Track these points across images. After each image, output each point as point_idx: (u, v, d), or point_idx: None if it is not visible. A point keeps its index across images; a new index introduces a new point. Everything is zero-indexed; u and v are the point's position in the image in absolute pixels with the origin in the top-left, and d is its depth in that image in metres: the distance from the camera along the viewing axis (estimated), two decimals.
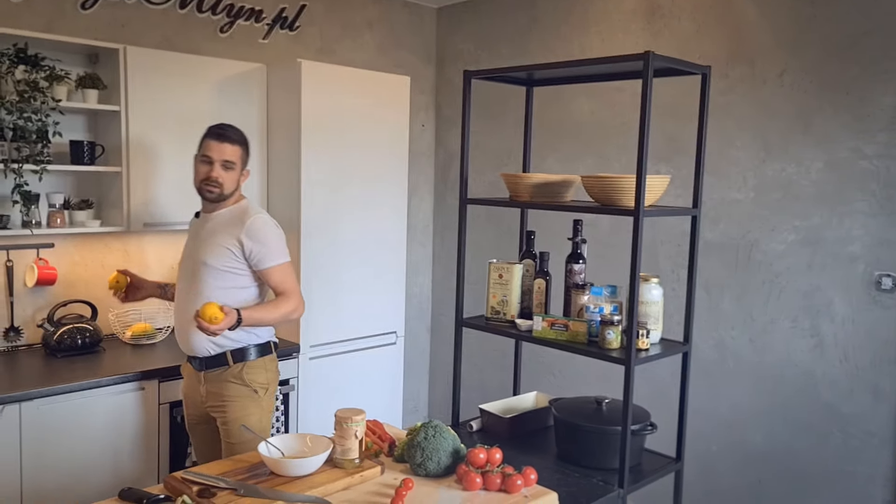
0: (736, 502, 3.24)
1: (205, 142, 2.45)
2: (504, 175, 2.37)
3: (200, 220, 2.55)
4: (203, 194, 2.46)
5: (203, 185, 2.44)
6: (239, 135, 2.48)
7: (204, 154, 2.43)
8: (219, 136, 2.43)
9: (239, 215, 2.48)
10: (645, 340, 2.07)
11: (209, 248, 2.46)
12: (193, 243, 2.52)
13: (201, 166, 2.44)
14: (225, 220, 2.48)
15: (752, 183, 3.11)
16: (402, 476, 1.75)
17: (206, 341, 2.40)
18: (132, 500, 1.56)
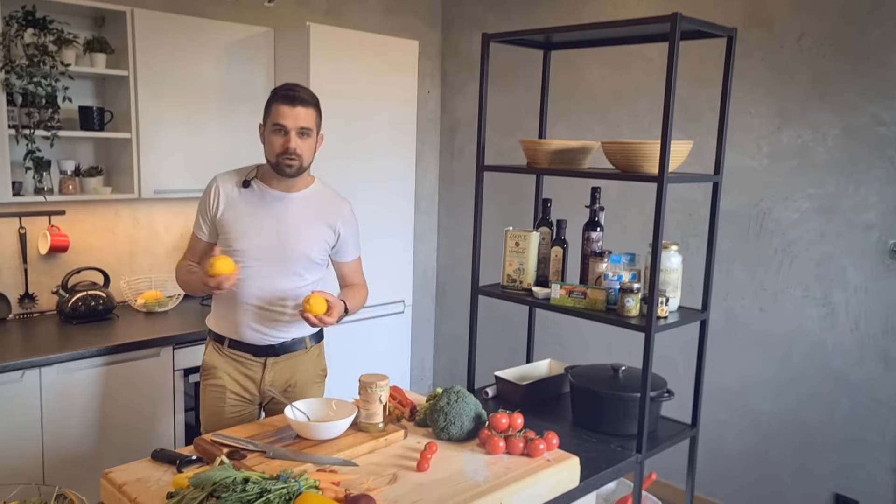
0: (743, 469, 3.28)
1: (274, 107, 2.10)
2: (523, 141, 2.35)
3: (273, 199, 2.17)
4: (282, 170, 2.11)
5: (282, 160, 2.09)
6: (312, 96, 2.14)
7: (276, 122, 2.08)
8: (291, 100, 2.07)
9: (329, 199, 2.25)
10: (664, 308, 2.08)
11: (307, 238, 2.19)
12: (276, 226, 2.16)
13: (274, 137, 2.09)
14: (314, 204, 2.22)
15: (766, 150, 3.10)
16: (425, 440, 1.77)
17: (287, 325, 2.20)
18: (165, 460, 1.58)
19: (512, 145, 4.01)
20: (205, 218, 2.21)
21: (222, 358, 2.23)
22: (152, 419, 2.87)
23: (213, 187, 2.20)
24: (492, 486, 1.55)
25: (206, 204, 2.20)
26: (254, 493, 1.26)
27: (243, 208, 2.16)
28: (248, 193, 2.18)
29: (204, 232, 2.23)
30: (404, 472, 1.60)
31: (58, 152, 2.99)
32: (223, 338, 2.22)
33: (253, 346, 2.20)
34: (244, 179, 2.18)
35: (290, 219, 2.17)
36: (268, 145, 2.13)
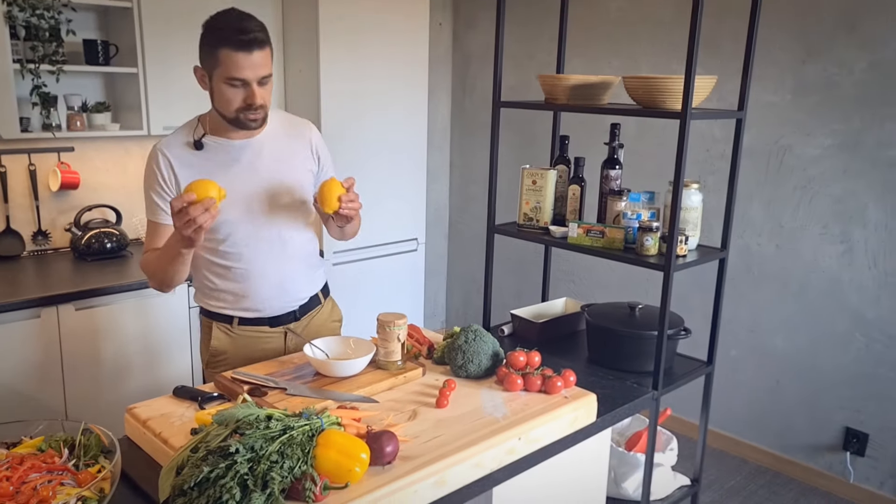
0: (754, 403, 3.32)
1: (224, 55, 1.68)
2: (541, 76, 2.28)
3: (237, 150, 1.84)
4: (244, 125, 1.78)
5: (243, 115, 1.75)
6: (263, 29, 1.74)
7: (232, 77, 1.70)
8: (247, 45, 1.68)
9: (294, 126, 1.96)
10: (683, 247, 2.06)
11: (292, 179, 1.90)
12: (254, 179, 1.85)
13: (231, 91, 1.72)
14: (283, 137, 1.92)
15: (789, 85, 3.01)
16: (443, 377, 1.78)
17: (305, 283, 1.99)
18: (186, 397, 1.60)
19: (524, 80, 3.93)
20: (162, 196, 1.80)
21: (232, 340, 1.95)
22: (169, 355, 2.91)
23: (160, 159, 1.80)
24: (510, 421, 1.57)
25: (159, 180, 1.80)
26: (277, 430, 1.27)
27: (208, 173, 1.76)
28: (205, 154, 1.81)
29: (165, 213, 1.78)
30: (424, 409, 1.61)
31: (64, 87, 2.94)
32: (230, 317, 1.94)
33: (269, 318, 1.95)
34: (194, 140, 1.82)
35: (266, 165, 1.86)
36: (220, 99, 1.75)
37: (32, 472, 1.22)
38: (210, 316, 1.97)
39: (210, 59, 1.73)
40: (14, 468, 1.22)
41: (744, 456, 3.39)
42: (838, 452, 3.08)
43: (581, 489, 1.83)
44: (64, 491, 1.19)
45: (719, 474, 3.26)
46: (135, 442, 1.54)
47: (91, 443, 1.34)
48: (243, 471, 1.18)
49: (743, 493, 3.12)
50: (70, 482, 1.23)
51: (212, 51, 1.71)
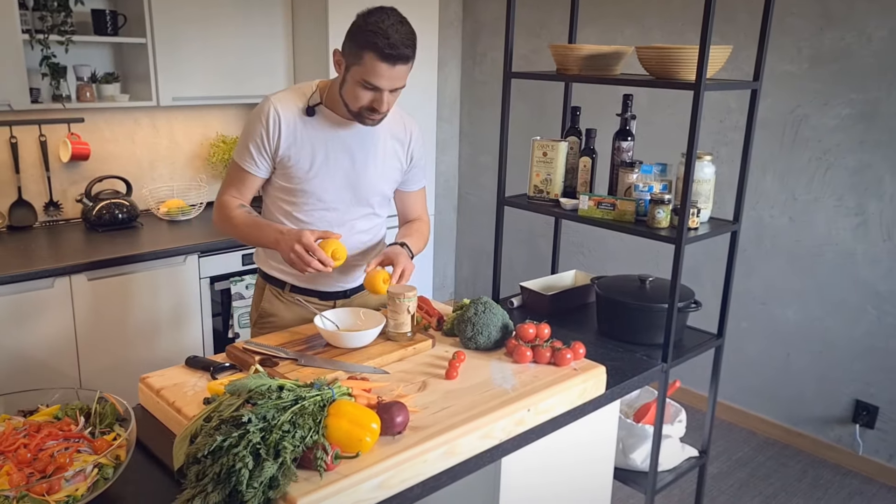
0: (764, 375, 3.33)
1: (370, 61, 1.69)
2: (553, 46, 2.25)
3: (343, 129, 1.86)
4: (362, 121, 1.81)
5: (366, 113, 1.78)
6: (413, 43, 1.74)
7: (369, 81, 1.72)
8: (393, 59, 1.69)
9: (398, 120, 1.96)
10: (695, 219, 2.04)
11: (382, 171, 1.94)
12: (349, 161, 1.88)
13: (362, 92, 1.74)
14: (385, 129, 1.93)
15: (806, 53, 2.96)
16: (452, 349, 1.78)
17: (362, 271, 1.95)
18: (199, 367, 1.61)
19: (535, 49, 3.88)
20: (261, 150, 1.83)
21: (283, 304, 2.00)
22: (180, 326, 2.93)
23: (271, 114, 1.81)
24: (520, 393, 1.57)
25: (262, 134, 1.81)
26: (289, 400, 1.28)
27: (310, 142, 1.84)
28: (313, 122, 1.84)
29: (258, 167, 1.86)
30: (433, 380, 1.62)
31: (73, 58, 2.93)
32: (283, 283, 1.99)
33: (319, 292, 1.98)
34: (307, 106, 1.83)
35: (364, 151, 1.90)
36: (350, 92, 1.77)
37: (49, 439, 1.24)
38: (265, 278, 2.03)
39: (353, 55, 1.73)
40: (31, 436, 1.24)
41: (752, 428, 3.40)
42: (848, 425, 3.09)
43: (589, 460, 1.85)
44: (80, 458, 1.21)
45: (727, 446, 3.28)
46: (148, 410, 1.56)
47: (106, 411, 1.36)
48: (256, 440, 1.19)
49: (751, 465, 3.14)
50: (86, 450, 1.25)
51: (358, 49, 1.71)
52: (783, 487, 2.99)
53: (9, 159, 2.94)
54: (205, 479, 1.18)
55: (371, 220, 2.00)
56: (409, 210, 2.12)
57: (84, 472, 1.18)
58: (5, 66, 2.60)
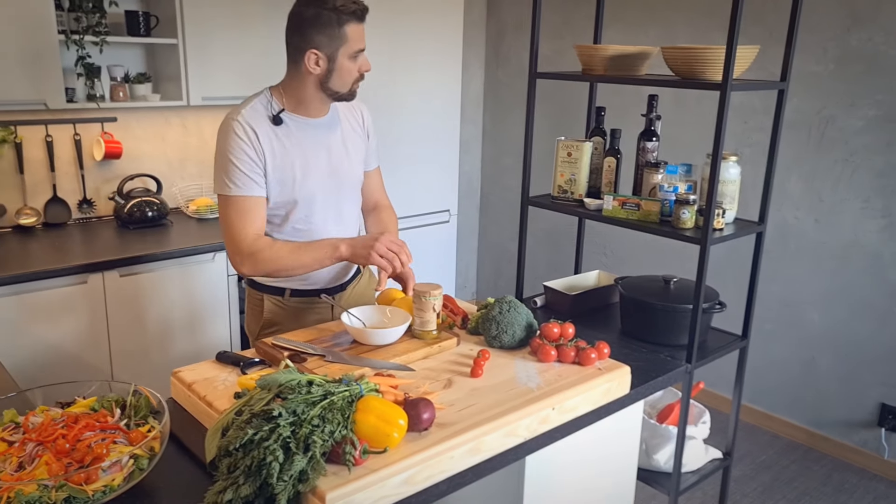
0: (788, 377, 3.30)
1: (351, 30, 1.75)
2: (578, 46, 2.26)
3: (312, 127, 1.87)
4: (353, 96, 1.86)
5: (355, 87, 1.84)
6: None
7: (358, 49, 1.78)
8: (363, 16, 1.77)
9: (348, 106, 1.99)
10: (720, 220, 2.04)
11: (354, 157, 1.97)
12: (327, 157, 1.90)
13: (352, 64, 1.79)
14: (343, 117, 1.96)
15: (833, 54, 2.94)
16: (477, 347, 1.80)
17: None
18: (229, 362, 1.65)
19: (558, 49, 3.88)
20: (255, 168, 1.77)
21: (285, 311, 1.98)
22: (208, 321, 2.98)
23: (247, 132, 1.76)
24: (544, 392, 1.59)
25: (248, 155, 1.76)
26: (318, 395, 1.31)
27: (289, 149, 1.82)
28: (283, 130, 1.82)
29: (260, 185, 1.79)
30: (459, 378, 1.64)
31: (107, 58, 3.00)
32: (282, 289, 1.97)
33: (317, 290, 1.98)
34: (272, 115, 1.82)
35: (336, 142, 1.92)
36: (342, 76, 1.79)
37: (87, 430, 1.28)
38: (260, 289, 1.99)
39: (335, 38, 1.74)
40: (70, 427, 1.28)
41: (776, 431, 3.38)
42: (873, 428, 3.06)
43: (613, 460, 1.86)
44: (117, 449, 1.25)
45: (751, 448, 3.27)
46: (179, 404, 1.60)
47: (141, 404, 1.40)
48: (286, 434, 1.22)
49: (775, 468, 3.13)
50: (122, 441, 1.28)
51: (338, 29, 1.74)
52: (807, 491, 2.97)
53: (44, 157, 3.01)
54: (236, 471, 1.21)
55: (356, 205, 2.04)
56: (370, 190, 2.10)
57: (120, 462, 1.22)
58: (42, 67, 2.67)
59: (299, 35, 1.77)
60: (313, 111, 1.86)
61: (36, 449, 1.22)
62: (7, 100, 2.65)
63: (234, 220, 1.79)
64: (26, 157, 2.97)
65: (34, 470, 1.18)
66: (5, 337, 2.45)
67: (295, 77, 1.83)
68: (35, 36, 2.63)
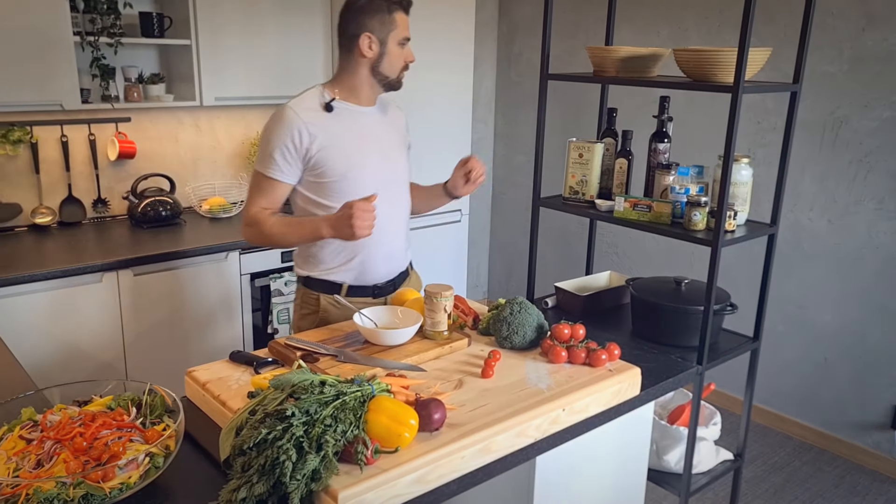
0: (800, 379, 3.29)
1: (399, 17, 1.92)
2: (590, 48, 2.26)
3: (363, 115, 1.98)
4: (399, 84, 2.00)
5: (401, 75, 1.99)
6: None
7: (405, 37, 1.94)
8: (408, 6, 1.95)
9: (388, 102, 2.12)
10: (732, 222, 2.04)
11: (403, 147, 2.10)
12: (378, 144, 2.00)
13: (401, 51, 1.95)
14: (387, 110, 2.09)
15: (847, 55, 2.92)
16: (488, 348, 1.81)
17: (404, 252, 2.12)
18: (242, 361, 1.67)
19: (569, 49, 3.88)
20: (289, 157, 1.88)
21: (339, 311, 2.00)
22: (221, 320, 3.01)
23: (296, 120, 1.86)
24: (555, 393, 1.59)
25: (290, 141, 1.87)
26: (331, 395, 1.32)
27: (341, 134, 1.92)
28: (334, 117, 1.92)
29: (287, 174, 1.90)
30: (469, 378, 1.65)
31: (122, 59, 3.03)
32: (338, 285, 2.01)
33: (372, 288, 2.04)
34: (325, 103, 1.92)
35: (384, 132, 2.03)
36: (391, 61, 1.93)
37: (104, 428, 1.30)
38: (315, 286, 2.04)
39: (386, 23, 1.90)
40: (87, 425, 1.30)
41: (788, 432, 3.37)
42: (886, 431, 3.04)
43: (623, 461, 1.86)
44: (133, 447, 1.27)
45: (763, 450, 3.26)
46: (193, 403, 1.61)
47: (156, 402, 1.41)
48: (299, 433, 1.23)
49: (787, 470, 3.12)
50: (138, 439, 1.30)
51: (388, 15, 1.90)
52: (819, 493, 2.96)
53: (60, 157, 3.04)
54: (250, 470, 1.22)
55: (405, 192, 2.11)
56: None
57: (136, 460, 1.24)
58: (58, 68, 2.70)
59: (354, 22, 1.91)
60: (364, 99, 1.98)
61: (54, 447, 1.24)
62: (24, 101, 2.69)
63: (253, 192, 1.96)
64: (42, 157, 3.01)
65: (52, 467, 1.20)
66: (21, 335, 2.48)
67: (348, 65, 1.95)
68: (51, 38, 2.66)
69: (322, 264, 2.02)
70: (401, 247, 2.10)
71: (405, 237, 2.12)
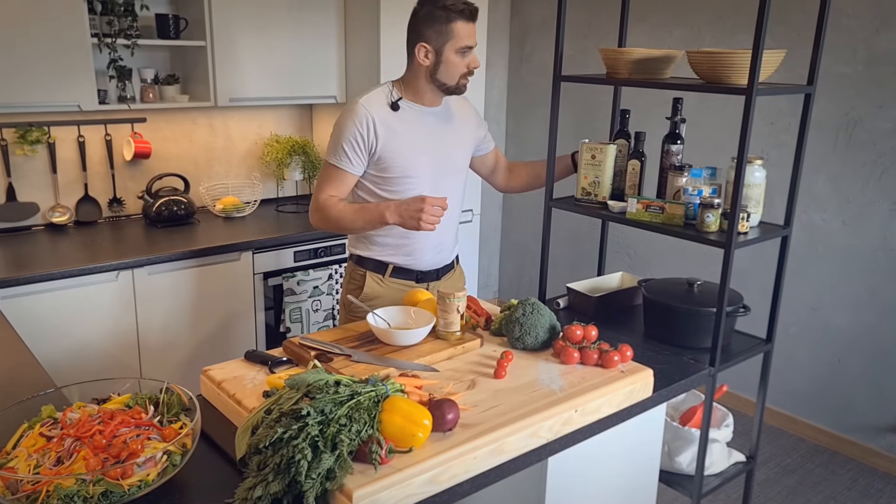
0: (813, 381, 3.28)
1: (457, 27, 1.97)
2: (602, 50, 2.26)
3: (427, 115, 2.11)
4: (461, 90, 2.08)
5: (463, 82, 2.05)
6: None
7: (466, 45, 1.99)
8: (472, 15, 1.98)
9: (459, 99, 2.20)
10: (745, 224, 2.03)
11: (464, 146, 2.22)
12: (439, 141, 2.14)
13: (461, 59, 2.00)
14: (455, 108, 2.19)
15: (862, 55, 2.90)
16: (500, 349, 1.82)
17: (452, 244, 2.28)
18: (257, 360, 1.68)
19: (582, 50, 3.88)
20: (358, 150, 2.03)
21: (384, 288, 2.18)
22: (234, 319, 3.03)
23: (365, 116, 2.01)
24: (567, 394, 1.60)
25: (358, 135, 2.02)
26: (345, 395, 1.33)
27: (405, 132, 2.06)
28: (400, 115, 2.07)
29: (355, 165, 2.06)
30: (482, 379, 1.66)
31: (138, 60, 3.06)
32: (385, 265, 2.17)
33: (417, 273, 2.18)
34: (391, 102, 2.06)
35: (447, 130, 2.15)
36: (449, 69, 2.01)
37: (122, 426, 1.32)
38: (364, 264, 2.19)
39: (443, 33, 1.98)
40: (106, 423, 1.32)
41: (801, 434, 3.36)
42: None
43: (635, 462, 1.86)
44: (151, 445, 1.29)
45: (775, 452, 3.25)
46: (209, 401, 1.63)
47: (173, 401, 1.43)
48: (314, 433, 1.24)
49: (799, 472, 3.11)
50: (156, 437, 1.32)
51: (445, 25, 1.97)
52: (832, 496, 2.95)
53: (77, 157, 3.08)
54: (266, 468, 1.24)
55: (461, 190, 2.24)
56: (499, 162, 2.43)
57: (154, 458, 1.26)
58: (76, 70, 2.73)
59: (414, 31, 2.02)
60: (427, 101, 2.10)
61: (74, 444, 1.26)
62: (42, 102, 2.72)
63: (323, 181, 2.10)
64: (59, 157, 3.04)
65: (72, 464, 1.22)
66: (38, 333, 2.51)
67: (411, 69, 2.07)
68: (69, 40, 2.70)
69: (374, 245, 2.16)
70: (450, 239, 2.23)
71: (454, 231, 2.24)
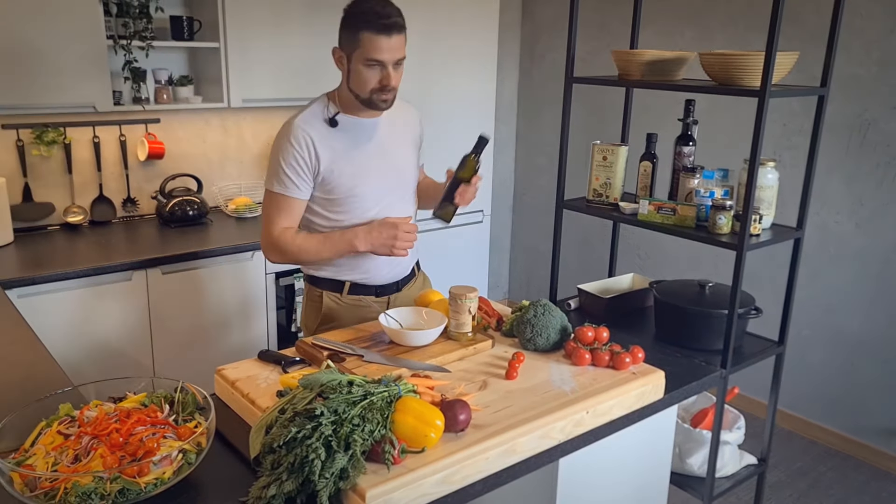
0: (826, 383, 3.26)
1: (366, 37, 1.79)
2: (615, 52, 2.27)
3: (367, 127, 1.97)
4: (376, 105, 1.89)
5: (377, 96, 1.86)
6: (401, 15, 1.84)
7: (372, 58, 1.81)
8: (387, 29, 1.79)
9: (402, 107, 2.06)
10: (757, 226, 2.03)
11: (409, 155, 2.08)
12: (383, 154, 2.00)
13: (369, 72, 1.83)
14: (398, 116, 2.05)
15: (875, 56, 2.89)
16: (511, 350, 1.83)
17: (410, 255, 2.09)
18: (270, 360, 1.70)
19: (593, 50, 3.88)
20: (301, 173, 1.90)
21: (342, 307, 2.06)
22: (247, 319, 3.05)
23: (304, 137, 1.88)
24: (579, 395, 1.61)
25: (298, 157, 1.88)
26: (358, 395, 1.34)
27: (345, 149, 1.93)
28: (339, 132, 1.93)
29: (301, 189, 1.92)
30: (493, 380, 1.66)
31: (152, 62, 3.08)
32: (341, 283, 2.05)
33: (375, 287, 2.07)
34: (329, 118, 1.93)
35: (391, 141, 2.02)
36: (358, 79, 1.85)
37: (139, 425, 1.33)
38: (319, 284, 2.07)
39: (351, 41, 1.84)
40: (123, 421, 1.34)
41: (813, 437, 3.34)
42: None
43: (646, 463, 1.87)
44: (167, 443, 1.30)
45: (787, 455, 3.23)
46: (223, 400, 1.65)
47: (188, 400, 1.45)
48: (328, 432, 1.26)
49: (811, 475, 3.09)
50: (171, 436, 1.33)
51: (353, 33, 1.82)
52: (844, 499, 2.94)
53: (92, 158, 3.11)
54: (279, 468, 1.25)
55: (412, 202, 2.12)
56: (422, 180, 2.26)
57: (170, 456, 1.27)
58: (91, 71, 2.76)
59: (340, 29, 1.89)
60: (364, 113, 1.96)
61: (91, 442, 1.28)
62: (60, 103, 2.75)
63: (271, 213, 1.95)
64: (75, 158, 3.07)
65: (90, 462, 1.24)
66: (53, 332, 2.54)
67: (342, 78, 1.94)
68: (85, 42, 2.72)
69: (328, 265, 2.04)
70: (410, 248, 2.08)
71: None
